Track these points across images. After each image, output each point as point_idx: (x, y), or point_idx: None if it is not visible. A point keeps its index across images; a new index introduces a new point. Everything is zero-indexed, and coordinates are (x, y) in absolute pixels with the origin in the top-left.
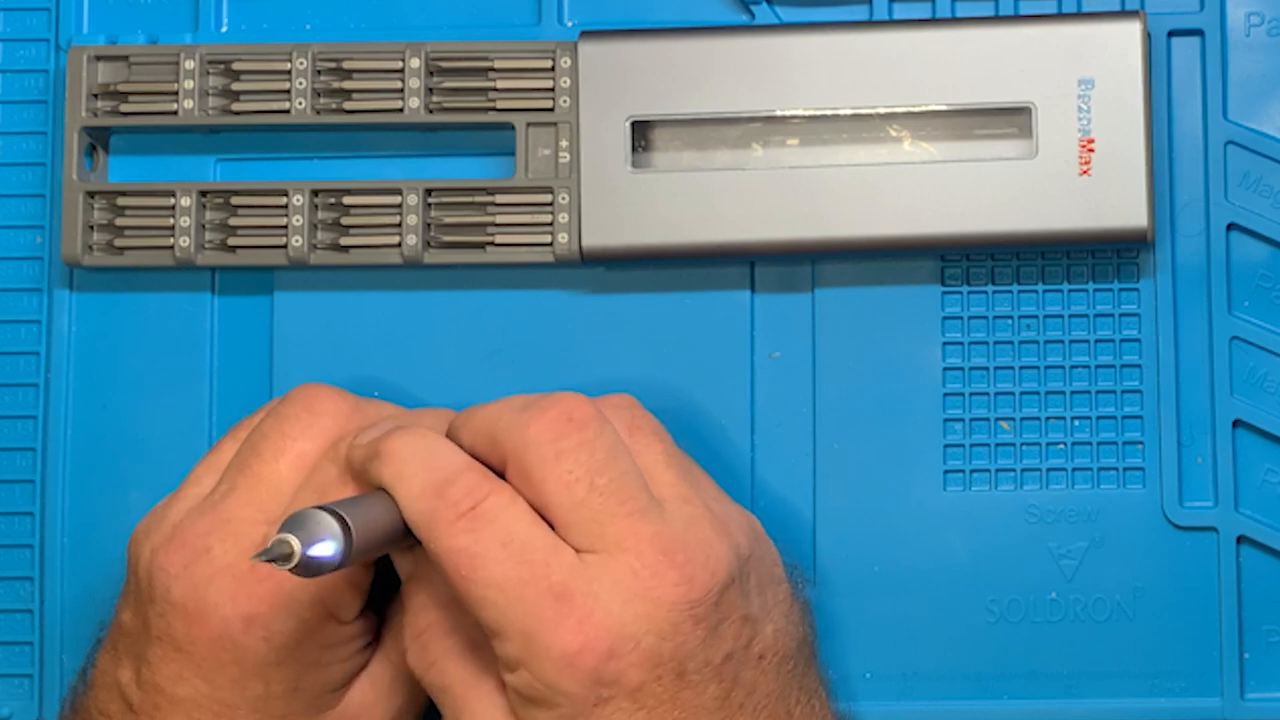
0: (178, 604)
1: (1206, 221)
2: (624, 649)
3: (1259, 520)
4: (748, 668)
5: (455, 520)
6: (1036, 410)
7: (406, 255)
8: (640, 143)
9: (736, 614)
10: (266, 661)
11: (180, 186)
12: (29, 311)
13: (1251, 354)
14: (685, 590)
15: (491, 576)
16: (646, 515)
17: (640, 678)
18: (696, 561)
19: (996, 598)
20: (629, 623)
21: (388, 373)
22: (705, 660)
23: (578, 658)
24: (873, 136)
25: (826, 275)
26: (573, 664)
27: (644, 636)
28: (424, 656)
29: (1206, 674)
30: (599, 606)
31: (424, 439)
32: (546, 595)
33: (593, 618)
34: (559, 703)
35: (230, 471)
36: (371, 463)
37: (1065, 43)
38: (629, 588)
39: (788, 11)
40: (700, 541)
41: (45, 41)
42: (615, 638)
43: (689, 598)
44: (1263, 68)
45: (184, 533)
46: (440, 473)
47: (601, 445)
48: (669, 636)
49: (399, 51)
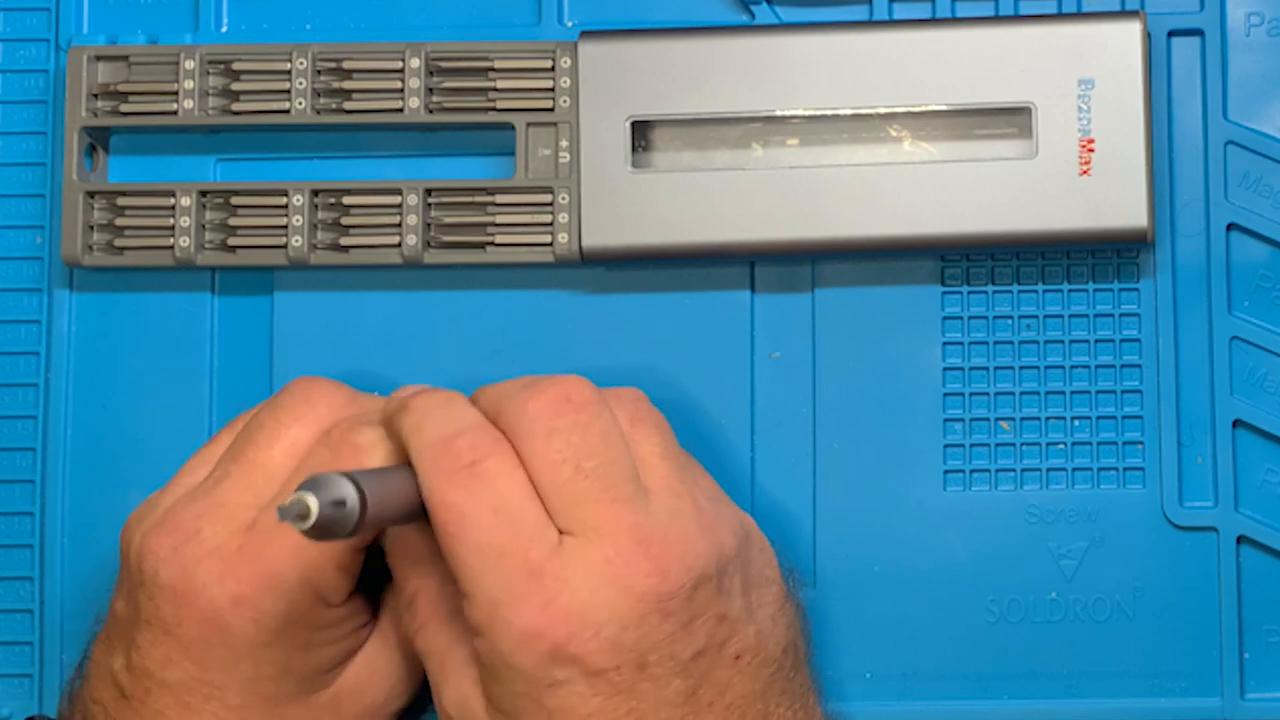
0: (166, 586)
1: (1206, 221)
2: (583, 635)
3: (1259, 520)
4: (721, 667)
5: (454, 473)
6: (1036, 410)
7: (406, 255)
8: (640, 143)
9: (712, 612)
10: (255, 643)
11: (180, 186)
12: (29, 311)
13: (1251, 354)
14: (657, 582)
15: (475, 540)
16: (629, 504)
17: (598, 664)
18: (673, 555)
19: (996, 598)
20: (594, 609)
21: (388, 373)
22: (671, 654)
23: (535, 638)
24: (873, 136)
25: (826, 275)
26: (530, 643)
27: (606, 625)
28: (413, 620)
29: (1206, 674)
30: (566, 590)
31: (446, 396)
32: (521, 570)
33: (558, 600)
34: (511, 678)
35: (224, 459)
36: (397, 415)
37: (1065, 43)
38: (600, 574)
39: (788, 11)
40: (680, 536)
41: (45, 41)
42: (576, 623)
43: (660, 590)
44: (1263, 68)
45: (175, 517)
46: (451, 425)
47: (595, 429)
48: (633, 627)
49: (399, 51)
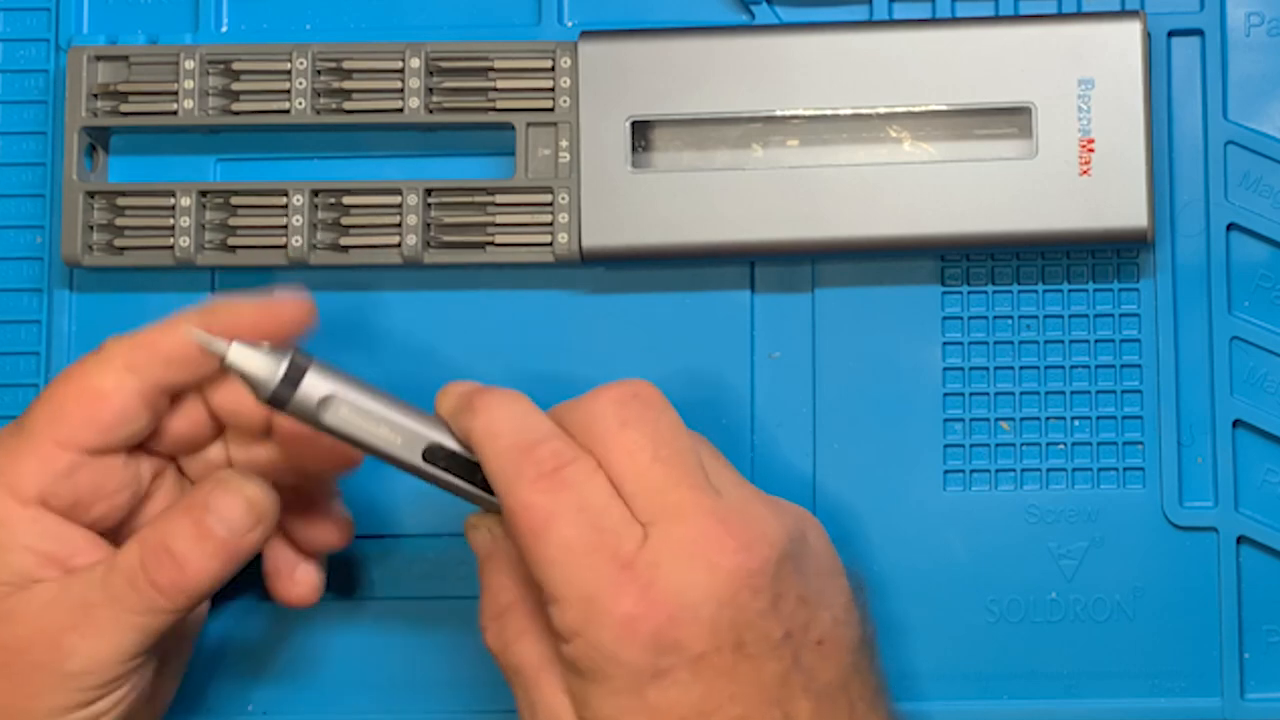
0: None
1: (1206, 221)
2: (684, 616)
3: (1259, 520)
4: (807, 650)
5: (537, 479)
6: (1036, 410)
7: (406, 255)
8: (640, 143)
9: (794, 592)
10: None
11: (180, 186)
12: (29, 311)
13: (1251, 354)
14: (744, 559)
15: (562, 537)
16: (705, 489)
17: (700, 647)
18: (754, 532)
19: (996, 598)
20: (689, 590)
21: (388, 372)
22: (764, 634)
23: (636, 626)
24: (873, 136)
25: (826, 275)
26: (633, 629)
27: (703, 604)
28: (501, 635)
29: (1206, 674)
30: (660, 575)
31: (517, 400)
32: (612, 563)
33: (654, 586)
34: (613, 674)
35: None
36: (462, 414)
37: (1065, 43)
38: (689, 556)
39: (788, 11)
40: (756, 516)
41: (45, 41)
42: (675, 605)
43: (747, 566)
44: (1263, 68)
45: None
46: (530, 434)
47: (665, 421)
48: (727, 604)
49: (399, 51)
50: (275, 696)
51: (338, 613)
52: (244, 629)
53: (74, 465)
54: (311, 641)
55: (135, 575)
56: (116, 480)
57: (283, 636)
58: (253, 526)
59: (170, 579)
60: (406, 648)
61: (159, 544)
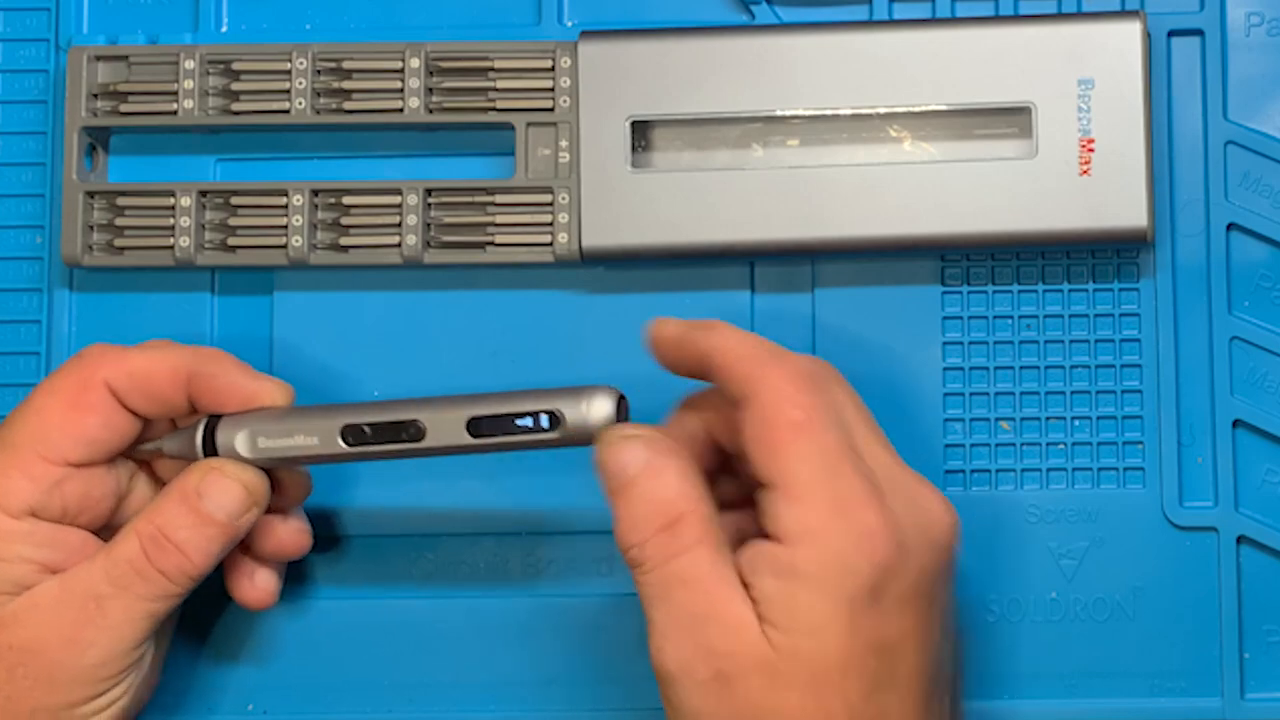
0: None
1: (1206, 221)
2: (908, 553)
3: (1259, 520)
4: (949, 624)
5: (795, 377)
6: (1036, 410)
7: (406, 255)
8: (640, 143)
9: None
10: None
11: (180, 186)
12: (29, 311)
13: (1251, 354)
14: (952, 538)
15: (822, 439)
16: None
17: (908, 586)
18: (956, 526)
19: (996, 598)
20: (912, 532)
21: (388, 372)
22: (942, 602)
23: (877, 539)
24: (873, 136)
25: (826, 275)
26: (872, 543)
27: (922, 551)
28: (669, 546)
29: (1206, 674)
30: (896, 509)
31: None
32: (865, 477)
33: (894, 515)
34: (833, 581)
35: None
36: (697, 330)
37: (1065, 43)
38: (915, 506)
39: (788, 11)
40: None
41: (45, 41)
42: (903, 540)
43: (950, 544)
44: (1263, 68)
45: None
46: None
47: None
48: (935, 560)
49: (399, 51)
50: (275, 696)
51: (338, 613)
52: (244, 629)
53: (61, 478)
54: (311, 642)
55: (141, 564)
56: (101, 488)
57: (282, 636)
58: (248, 509)
59: (175, 564)
60: (407, 648)
61: (159, 533)
